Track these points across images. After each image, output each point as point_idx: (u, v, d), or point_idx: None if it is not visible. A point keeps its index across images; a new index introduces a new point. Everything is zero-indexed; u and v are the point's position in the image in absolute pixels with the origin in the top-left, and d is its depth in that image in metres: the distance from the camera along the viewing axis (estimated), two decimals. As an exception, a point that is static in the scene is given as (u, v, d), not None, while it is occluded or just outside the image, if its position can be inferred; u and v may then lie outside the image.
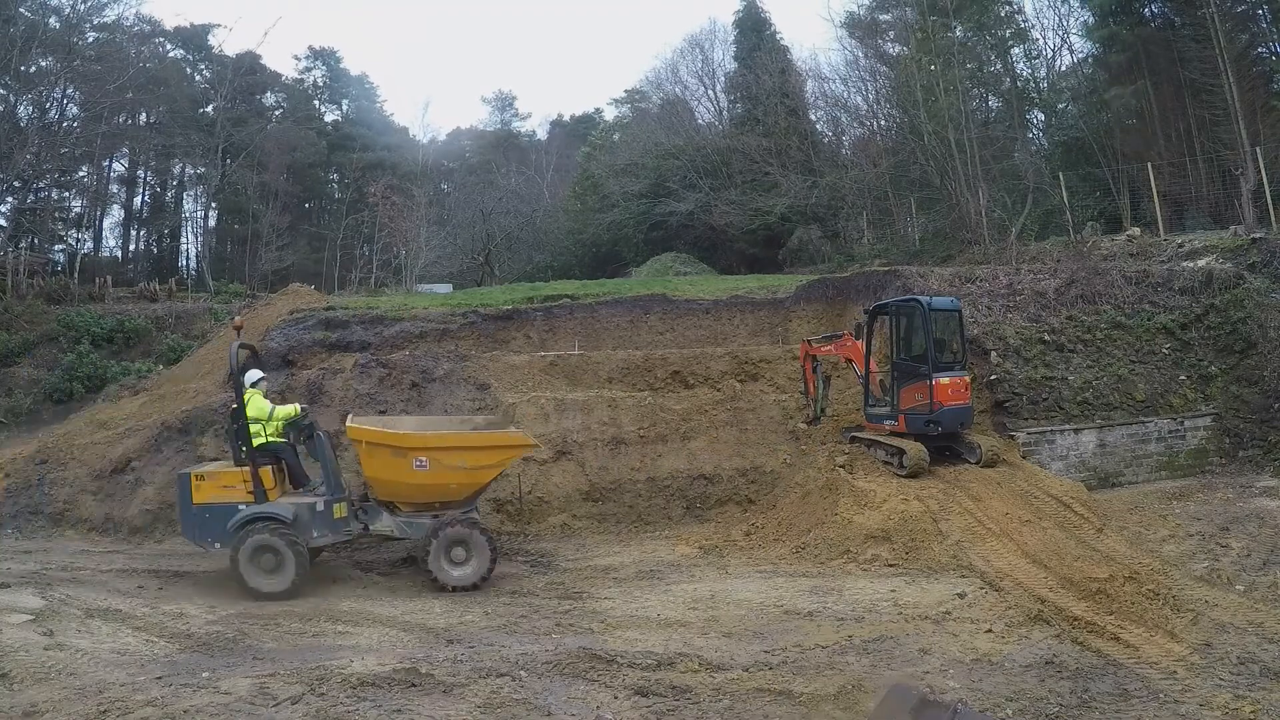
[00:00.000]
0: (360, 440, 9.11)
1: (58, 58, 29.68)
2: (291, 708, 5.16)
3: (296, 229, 43.27)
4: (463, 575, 8.82)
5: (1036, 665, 5.95)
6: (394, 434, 9.23)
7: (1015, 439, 11.91)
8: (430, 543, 8.84)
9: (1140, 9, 25.16)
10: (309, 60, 52.88)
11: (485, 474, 9.30)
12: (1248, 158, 18.84)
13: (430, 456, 8.95)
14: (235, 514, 8.74)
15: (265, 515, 8.73)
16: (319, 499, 9.07)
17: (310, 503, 9.01)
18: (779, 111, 32.72)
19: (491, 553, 8.93)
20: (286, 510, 8.83)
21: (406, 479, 9.00)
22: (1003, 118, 28.96)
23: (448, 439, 9.37)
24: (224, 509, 8.77)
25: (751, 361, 14.34)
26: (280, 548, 8.57)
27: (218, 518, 8.75)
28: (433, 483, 9.05)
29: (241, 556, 8.54)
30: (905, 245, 26.16)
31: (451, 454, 9.06)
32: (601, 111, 57.19)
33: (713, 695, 5.45)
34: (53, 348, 22.20)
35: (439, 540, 8.83)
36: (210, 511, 8.78)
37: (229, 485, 8.88)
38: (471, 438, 9.53)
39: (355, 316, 15.86)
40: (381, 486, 9.27)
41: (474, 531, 8.93)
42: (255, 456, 8.95)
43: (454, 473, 9.05)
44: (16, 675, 5.77)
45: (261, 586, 8.53)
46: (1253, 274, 14.10)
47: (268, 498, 8.88)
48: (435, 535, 8.85)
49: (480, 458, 9.17)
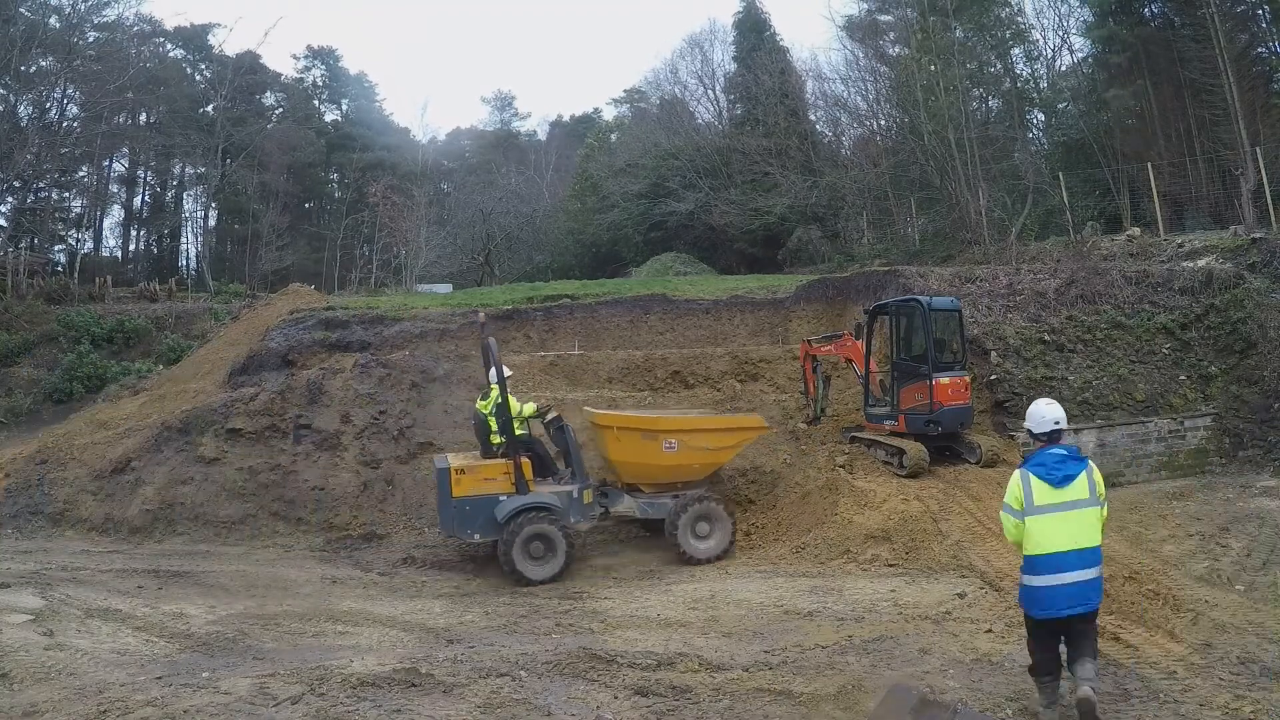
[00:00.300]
0: (610, 426, 9.83)
1: (58, 58, 29.71)
2: (291, 708, 5.15)
3: (296, 229, 43.31)
4: (707, 548, 9.49)
5: (1036, 665, 5.94)
6: (647, 418, 10.18)
7: (1015, 439, 11.91)
8: (679, 518, 9.47)
9: (1140, 9, 25.15)
10: (308, 60, 52.95)
11: (725, 454, 10.13)
12: (1248, 158, 18.83)
13: (679, 438, 9.71)
14: (496, 505, 9.14)
15: (536, 505, 9.17)
16: (574, 486, 9.56)
17: (568, 490, 9.55)
18: (779, 111, 32.72)
19: (732, 527, 9.68)
20: (554, 499, 9.30)
21: (656, 461, 9.68)
22: (1002, 118, 28.96)
23: (695, 422, 10.24)
24: (485, 501, 9.16)
25: (751, 361, 14.34)
26: (552, 535, 9.03)
27: (478, 509, 9.13)
28: (679, 463, 9.75)
29: (514, 545, 8.91)
30: (905, 245, 26.17)
31: (698, 435, 9.86)
32: (601, 111, 57.29)
33: (713, 695, 5.45)
34: (53, 348, 22.23)
35: (687, 516, 9.47)
36: (470, 504, 9.14)
37: (490, 478, 9.28)
38: (716, 420, 10.52)
39: (355, 316, 15.87)
40: (629, 469, 9.89)
41: (718, 507, 9.63)
42: (517, 449, 9.37)
43: (699, 453, 9.80)
44: (16, 675, 5.76)
45: (531, 574, 8.94)
46: (1253, 274, 14.10)
47: (528, 488, 9.31)
48: (684, 511, 9.48)
49: (722, 439, 10.02)
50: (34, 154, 28.07)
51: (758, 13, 37.70)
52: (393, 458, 12.39)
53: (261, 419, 12.64)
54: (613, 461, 9.99)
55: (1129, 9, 24.92)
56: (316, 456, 12.35)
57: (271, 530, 11.46)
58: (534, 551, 8.98)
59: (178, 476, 12.00)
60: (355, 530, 11.36)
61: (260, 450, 12.33)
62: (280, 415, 12.75)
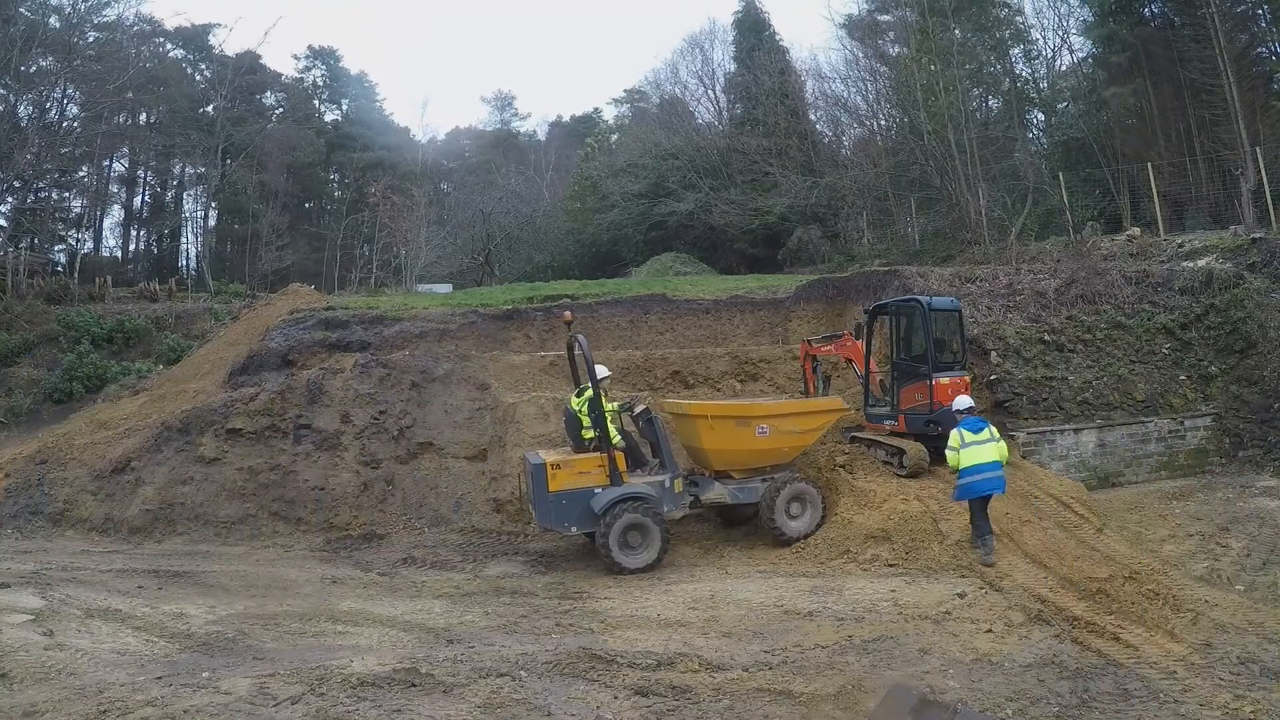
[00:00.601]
0: (704, 415, 10.26)
1: (58, 58, 29.69)
2: (291, 708, 5.15)
3: (296, 229, 43.29)
4: (799, 527, 9.92)
5: (1036, 665, 5.95)
6: (740, 405, 10.80)
7: (1015, 439, 11.91)
8: (775, 498, 9.89)
9: (1140, 9, 25.16)
10: (308, 60, 52.94)
11: (811, 436, 10.56)
12: (1248, 158, 18.84)
13: (770, 424, 10.13)
14: (592, 498, 9.37)
15: (632, 495, 9.39)
16: (665, 476, 9.81)
17: (661, 480, 9.76)
18: (779, 111, 32.71)
19: (823, 507, 10.03)
20: (648, 489, 9.54)
21: (750, 446, 10.10)
22: (1002, 118, 28.95)
23: (785, 407, 10.70)
24: (581, 494, 9.40)
25: (751, 361, 14.33)
26: (648, 525, 9.32)
27: (574, 502, 9.36)
28: (771, 447, 10.17)
29: (611, 536, 9.17)
30: (905, 245, 26.16)
31: (788, 420, 10.28)
32: (600, 111, 57.27)
33: (713, 695, 5.45)
34: (53, 348, 22.21)
35: (782, 495, 9.90)
36: (567, 497, 9.36)
37: (584, 471, 9.52)
38: (802, 404, 11.02)
39: (355, 316, 15.86)
40: (722, 456, 10.29)
41: (810, 488, 10.13)
42: (609, 442, 9.58)
43: (788, 437, 10.22)
44: (16, 675, 5.76)
45: (627, 563, 9.23)
46: (1253, 274, 14.10)
47: (622, 480, 9.53)
48: (778, 492, 9.90)
49: (809, 421, 10.46)
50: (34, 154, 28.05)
51: (757, 12, 37.70)
52: (393, 458, 12.39)
53: (261, 419, 12.63)
54: (706, 450, 10.33)
55: (1129, 9, 24.92)
56: (316, 456, 12.35)
57: (271, 530, 11.47)
58: (630, 541, 9.28)
59: (178, 476, 12.00)
60: (355, 530, 11.36)
61: (260, 450, 12.32)
62: (280, 415, 12.74)
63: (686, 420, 10.67)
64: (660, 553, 9.36)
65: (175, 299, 28.52)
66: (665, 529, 9.46)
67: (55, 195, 34.20)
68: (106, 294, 27.66)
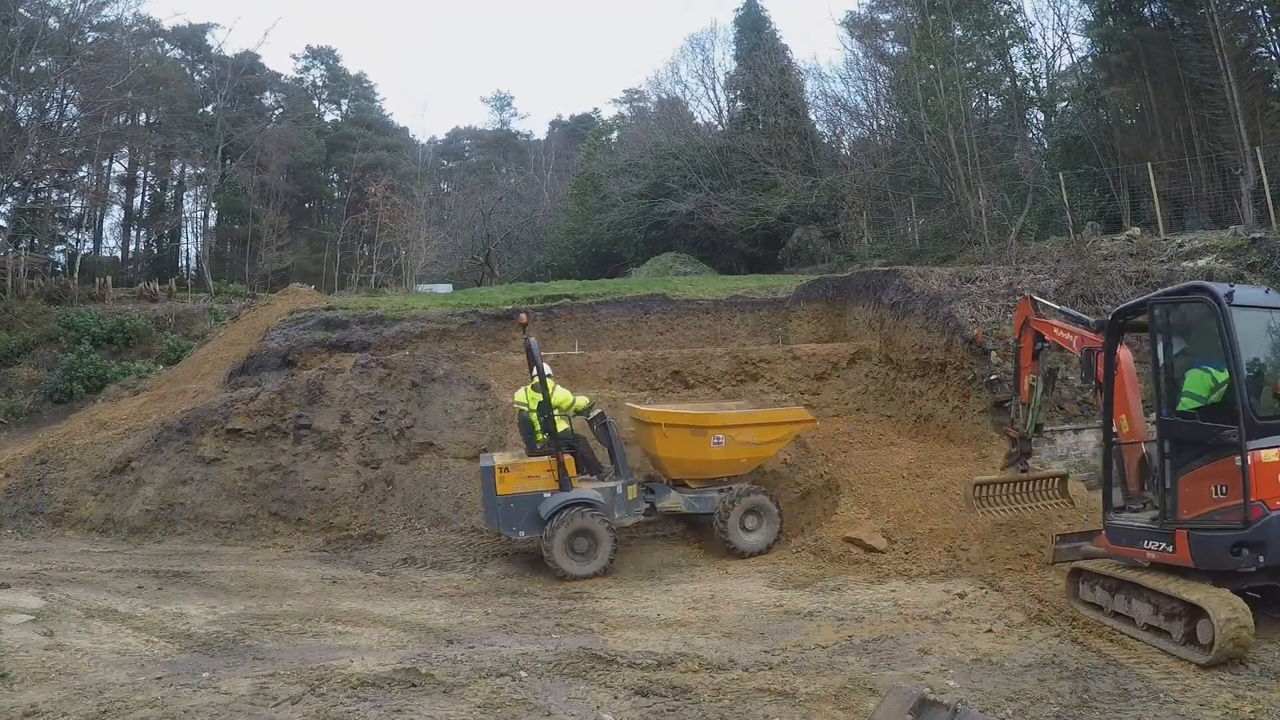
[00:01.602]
0: (659, 423, 9.86)
1: (57, 58, 29.71)
2: (291, 708, 5.15)
3: (296, 229, 43.29)
4: (754, 541, 9.55)
5: (1036, 665, 5.95)
6: (695, 414, 10.14)
7: (1015, 439, 11.88)
8: (729, 510, 9.50)
9: (1139, 8, 25.17)
10: (308, 60, 52.98)
11: (770, 448, 10.10)
12: (1247, 158, 18.84)
13: (726, 434, 9.70)
14: (540, 502, 9.17)
15: (579, 501, 9.19)
16: (618, 482, 9.56)
17: (612, 486, 9.56)
18: (779, 111, 32.73)
19: (780, 520, 9.65)
20: (597, 495, 9.33)
21: (704, 456, 9.69)
22: (1002, 117, 28.97)
23: (742, 417, 10.14)
24: (530, 498, 9.22)
25: (751, 361, 14.33)
26: (596, 531, 9.07)
27: (523, 506, 9.19)
28: (726, 458, 9.75)
29: (556, 542, 8.96)
30: (905, 245, 26.16)
31: (744, 430, 9.82)
32: (600, 111, 57.30)
33: (713, 695, 5.45)
34: (53, 348, 22.22)
35: (738, 508, 9.51)
36: (515, 501, 9.20)
37: (533, 475, 9.34)
38: (761, 415, 10.36)
39: (355, 316, 15.88)
40: (676, 465, 9.95)
41: (766, 500, 9.68)
42: (559, 446, 9.42)
43: (745, 448, 9.80)
44: (16, 675, 5.76)
45: (574, 570, 8.98)
46: (1253, 274, 14.09)
47: (571, 485, 9.33)
48: (733, 505, 9.51)
49: (768, 433, 9.96)
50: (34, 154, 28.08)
51: (758, 11, 37.74)
52: (393, 458, 12.38)
53: (261, 419, 12.63)
54: (660, 457, 10.06)
55: (1128, 8, 24.94)
56: (316, 456, 12.34)
57: (271, 530, 11.46)
58: (577, 548, 9.08)
59: (178, 476, 11.99)
60: (355, 530, 11.35)
61: (260, 450, 12.32)
62: (280, 415, 12.74)
63: (644, 427, 10.31)
64: (609, 560, 9.12)
65: (175, 299, 28.53)
66: (615, 536, 9.19)
67: (55, 195, 34.24)
68: (106, 294, 27.67)
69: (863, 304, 15.34)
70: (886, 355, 13.90)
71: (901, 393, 13.35)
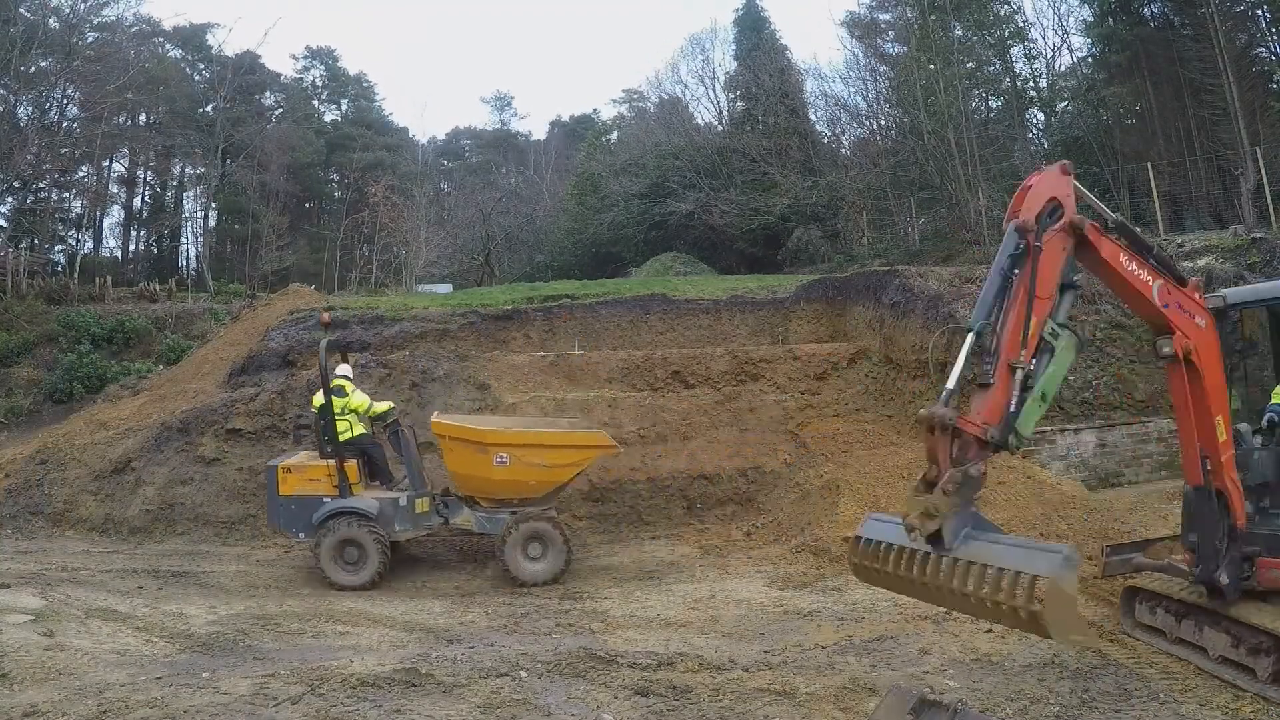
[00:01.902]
0: (444, 435, 9.22)
1: (57, 58, 29.71)
2: (291, 708, 5.15)
3: (296, 229, 43.29)
4: (537, 570, 8.86)
5: (1036, 665, 5.94)
6: (477, 429, 9.32)
7: (1015, 439, 11.88)
8: (508, 536, 8.88)
9: (1139, 8, 25.20)
10: (308, 60, 52.97)
11: (564, 472, 9.36)
12: (1247, 158, 18.85)
13: (511, 453, 9.05)
14: (320, 506, 8.90)
15: (351, 510, 8.85)
16: (402, 494, 9.22)
17: (394, 498, 9.16)
18: (779, 111, 32.76)
19: (566, 550, 8.97)
20: (371, 505, 8.93)
21: (487, 474, 9.08)
22: (1002, 117, 28.99)
23: (528, 436, 9.40)
24: (311, 501, 8.94)
25: (751, 361, 14.33)
26: (365, 542, 8.71)
27: (304, 509, 8.92)
28: (513, 479, 9.11)
29: (323, 549, 8.69)
30: (905, 245, 26.18)
31: (532, 451, 9.14)
32: (600, 111, 57.32)
33: (713, 695, 5.45)
34: (53, 348, 22.22)
35: (516, 534, 8.88)
36: (297, 503, 8.95)
37: (315, 478, 9.04)
38: (551, 436, 9.56)
39: (355, 316, 15.88)
40: (463, 481, 9.38)
41: (550, 528, 8.96)
42: (342, 450, 9.09)
43: (534, 470, 9.13)
44: (16, 675, 5.76)
45: (341, 580, 8.66)
46: (1253, 274, 14.09)
47: (352, 492, 9.02)
48: (513, 529, 8.89)
49: (560, 456, 9.25)
50: (34, 154, 28.09)
51: (757, 11, 37.76)
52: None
53: (261, 419, 12.63)
54: (449, 472, 9.54)
55: (1128, 8, 24.96)
56: (316, 456, 12.34)
57: (272, 530, 11.46)
58: (347, 557, 8.75)
59: (178, 476, 12.00)
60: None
61: (260, 450, 12.31)
62: (280, 415, 12.74)
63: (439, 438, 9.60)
64: (377, 572, 8.70)
65: (175, 299, 28.52)
66: (385, 548, 8.77)
67: (55, 195, 34.24)
68: (106, 294, 27.66)
69: (863, 304, 15.33)
70: (886, 355, 13.90)
71: (901, 393, 13.35)
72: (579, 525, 11.82)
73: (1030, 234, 4.70)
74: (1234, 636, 5.45)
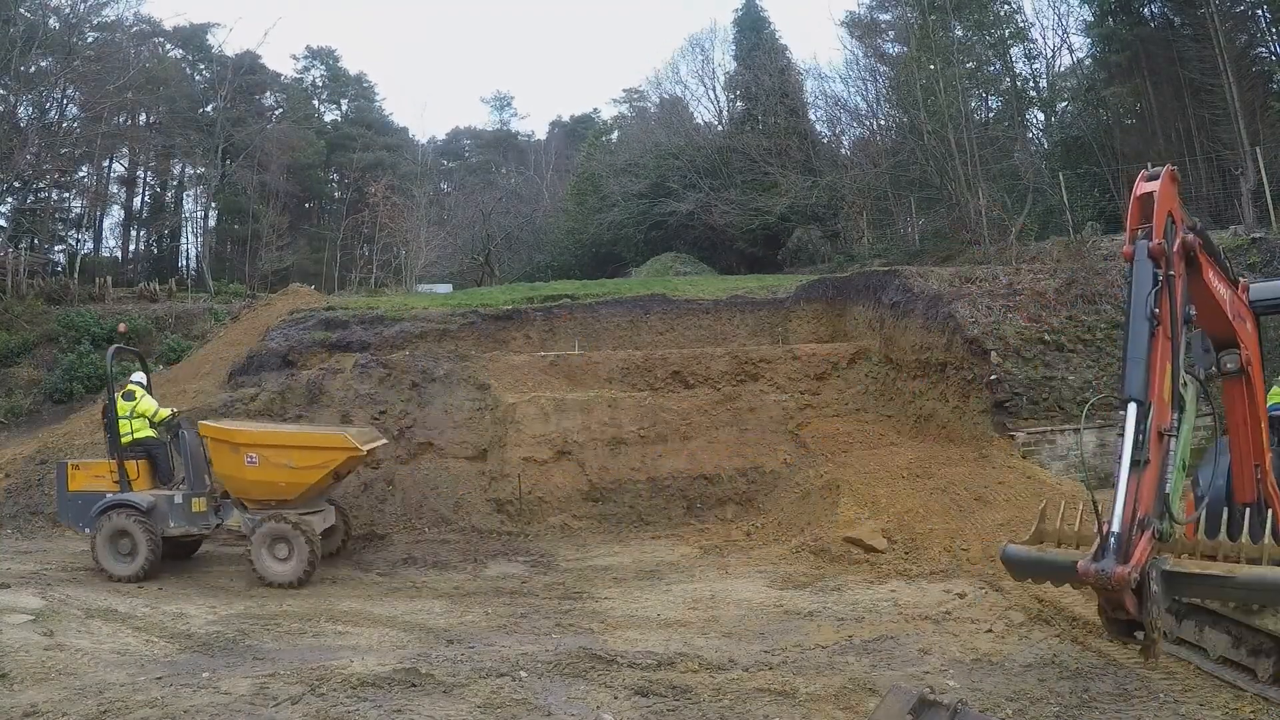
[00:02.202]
0: (207, 437, 9.63)
1: (57, 58, 29.68)
2: (291, 708, 5.15)
3: (296, 229, 43.25)
4: (283, 571, 9.05)
5: (1036, 665, 5.94)
6: (228, 429, 9.69)
7: (1015, 439, 11.91)
8: (253, 537, 9.20)
9: (1139, 8, 25.20)
10: (308, 60, 52.94)
11: (312, 474, 9.44)
12: (1247, 158, 18.85)
13: (260, 453, 9.35)
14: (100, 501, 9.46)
15: (124, 503, 9.35)
16: (178, 492, 9.72)
17: (169, 495, 9.67)
18: (779, 111, 32.75)
19: (310, 554, 9.06)
20: (145, 500, 9.41)
21: (241, 474, 9.40)
22: (1002, 117, 28.99)
23: (274, 436, 9.75)
24: (94, 497, 9.47)
25: (751, 361, 14.33)
26: (136, 534, 9.18)
27: (89, 504, 9.43)
28: (264, 479, 9.38)
29: (99, 539, 9.18)
30: (905, 245, 26.18)
31: (278, 451, 9.40)
32: (600, 111, 57.32)
33: (713, 695, 5.45)
34: (53, 348, 22.20)
35: (259, 534, 9.14)
36: (83, 499, 9.54)
37: (99, 475, 9.69)
38: (295, 436, 9.90)
39: (355, 316, 15.89)
40: (227, 483, 9.74)
41: (293, 529, 9.07)
42: (124, 451, 9.71)
43: (282, 470, 9.33)
44: (16, 675, 5.76)
45: (115, 570, 9.12)
46: (1252, 274, 14.09)
47: (131, 488, 9.57)
48: (257, 529, 9.20)
49: (305, 457, 9.42)
50: (34, 154, 28.08)
51: (757, 11, 37.76)
52: (393, 458, 12.39)
53: (261, 419, 12.64)
54: (216, 474, 9.81)
55: (1128, 8, 24.96)
56: (316, 456, 12.33)
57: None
58: (121, 548, 9.21)
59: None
60: (355, 530, 11.35)
61: (260, 450, 12.30)
62: (280, 415, 12.75)
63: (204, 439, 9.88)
64: (145, 565, 9.07)
65: (175, 299, 28.50)
66: (155, 542, 9.16)
67: (55, 195, 34.21)
68: (106, 294, 27.63)
69: (863, 304, 15.35)
70: (886, 355, 13.91)
71: (901, 393, 13.36)
72: (578, 525, 11.83)
73: (1164, 261, 3.81)
74: (1234, 637, 5.45)
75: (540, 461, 12.31)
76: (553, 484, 12.19)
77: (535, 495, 12.05)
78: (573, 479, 12.28)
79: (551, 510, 11.99)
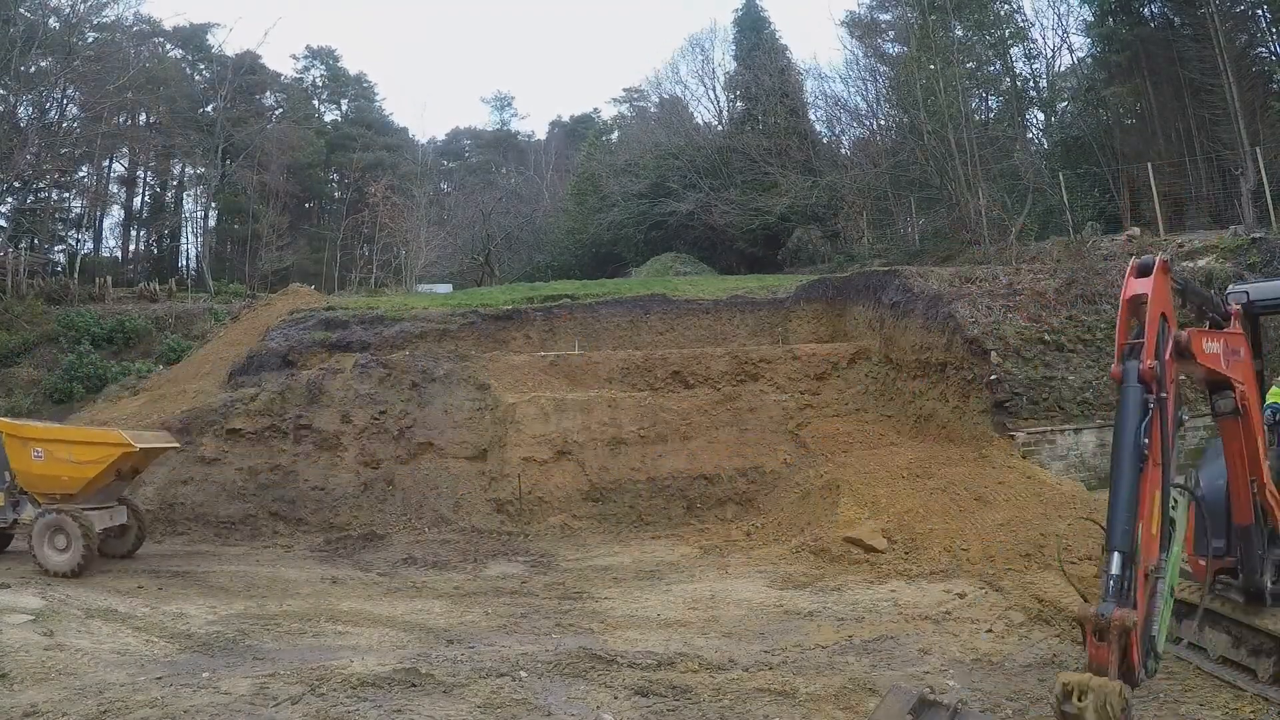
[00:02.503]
0: (3, 433, 10.02)
1: (57, 58, 29.69)
2: (291, 708, 5.15)
3: (296, 229, 43.27)
4: (61, 561, 9.32)
5: (1036, 665, 5.94)
6: (16, 424, 10.23)
7: (1015, 439, 11.91)
8: (34, 526, 9.51)
9: (1139, 8, 25.19)
10: (308, 60, 52.96)
11: (90, 469, 9.79)
12: (1247, 158, 18.84)
13: (45, 448, 9.80)
14: None
15: None
16: None
17: None
18: (779, 111, 32.76)
19: (86, 546, 9.32)
20: None
21: (29, 469, 9.83)
22: (1002, 117, 28.99)
23: (56, 431, 10.23)
24: None
25: (751, 361, 14.34)
26: None
27: None
28: (49, 474, 9.79)
29: None
30: (905, 245, 26.19)
31: (59, 446, 9.84)
32: (600, 111, 57.32)
33: (713, 695, 5.44)
34: (53, 348, 22.22)
35: (40, 525, 9.45)
36: None
37: None
38: (74, 432, 10.41)
39: (355, 316, 15.89)
40: (20, 477, 10.06)
41: (70, 521, 9.37)
42: None
43: (64, 465, 9.74)
44: (16, 675, 5.76)
45: None
46: (1252, 274, 14.09)
47: None
48: (37, 520, 9.51)
49: (83, 452, 9.82)
50: (34, 154, 28.09)
51: (757, 11, 37.76)
52: (393, 458, 12.40)
53: (261, 419, 12.64)
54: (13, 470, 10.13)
55: (1128, 8, 24.95)
56: (316, 456, 12.36)
57: (271, 530, 11.47)
58: None
59: (178, 476, 12.00)
60: (355, 530, 11.36)
61: (260, 450, 12.33)
62: (280, 415, 12.75)
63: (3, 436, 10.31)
64: None
65: (175, 299, 28.52)
66: None
67: (55, 195, 34.23)
68: (106, 294, 27.66)
69: (863, 304, 15.35)
70: (886, 355, 13.91)
71: (901, 393, 13.36)
72: (578, 525, 11.81)
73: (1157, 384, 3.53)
74: (1234, 637, 5.46)
75: (540, 461, 12.31)
76: (553, 484, 12.19)
77: (535, 495, 12.04)
78: (573, 479, 12.28)
79: (551, 510, 11.99)
